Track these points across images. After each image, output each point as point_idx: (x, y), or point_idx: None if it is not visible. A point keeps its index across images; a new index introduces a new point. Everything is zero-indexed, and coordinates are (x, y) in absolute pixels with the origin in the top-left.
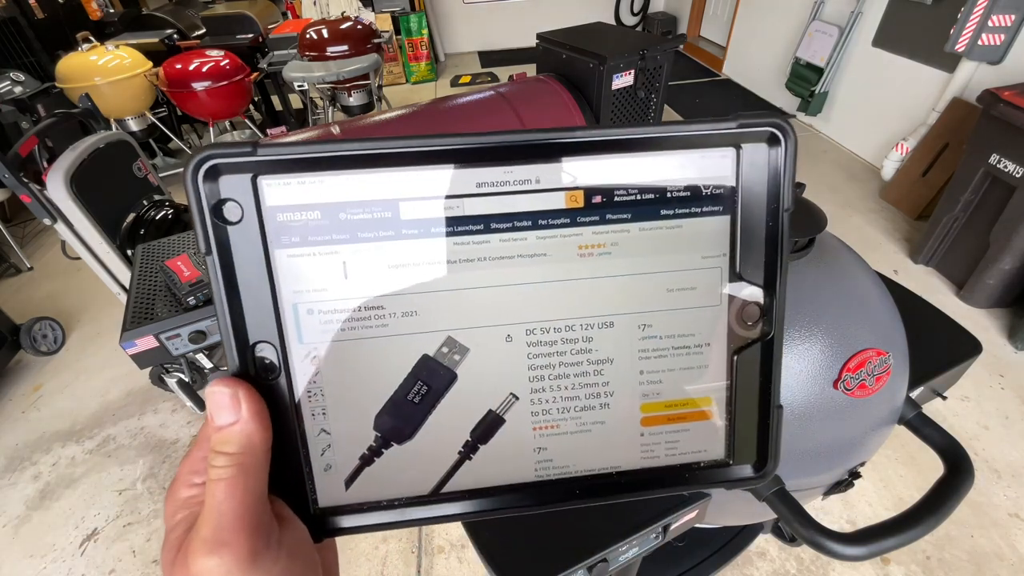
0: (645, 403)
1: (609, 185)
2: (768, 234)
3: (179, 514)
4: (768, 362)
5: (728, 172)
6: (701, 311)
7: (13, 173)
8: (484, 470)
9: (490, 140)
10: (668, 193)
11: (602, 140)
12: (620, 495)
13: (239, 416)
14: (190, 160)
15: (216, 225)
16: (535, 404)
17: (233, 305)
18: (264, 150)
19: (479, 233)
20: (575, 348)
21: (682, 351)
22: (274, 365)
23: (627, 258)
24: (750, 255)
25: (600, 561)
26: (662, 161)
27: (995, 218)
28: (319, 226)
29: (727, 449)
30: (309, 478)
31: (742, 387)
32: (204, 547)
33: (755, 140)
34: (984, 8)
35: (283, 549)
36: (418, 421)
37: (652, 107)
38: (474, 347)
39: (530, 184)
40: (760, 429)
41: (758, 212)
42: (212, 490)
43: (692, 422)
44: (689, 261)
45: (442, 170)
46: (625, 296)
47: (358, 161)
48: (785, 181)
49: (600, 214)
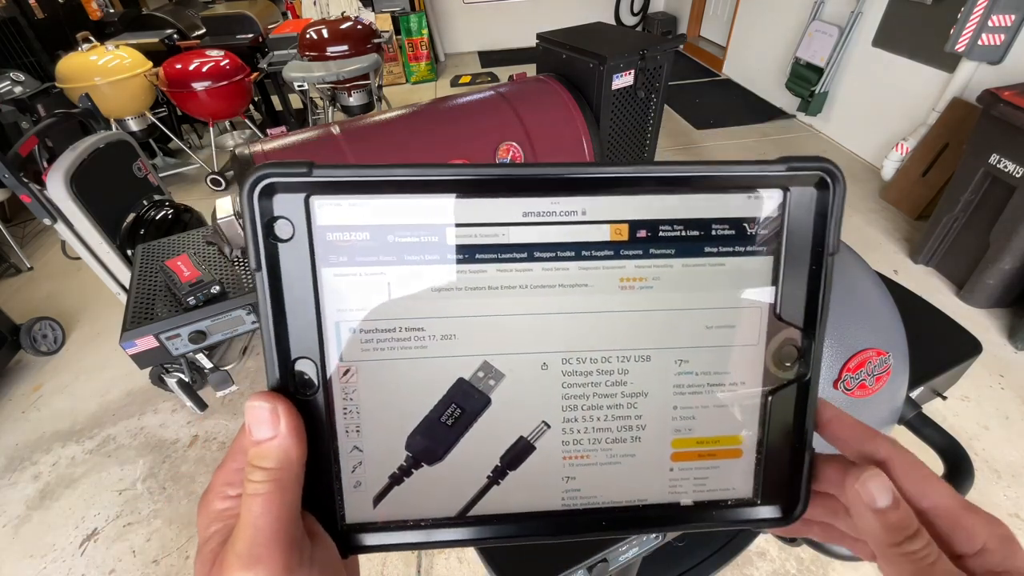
0: (676, 438)
1: (654, 220)
2: (811, 276)
3: (213, 526)
4: (803, 404)
5: (774, 213)
6: (738, 350)
7: (13, 173)
8: (511, 496)
9: (538, 172)
10: (713, 231)
11: (650, 177)
12: (644, 528)
13: (277, 431)
14: (247, 177)
15: (268, 242)
16: (567, 433)
17: (278, 320)
18: (319, 171)
19: (522, 261)
20: (610, 380)
21: (717, 388)
22: (312, 381)
23: (668, 293)
24: (791, 296)
25: (600, 561)
26: (708, 199)
27: (995, 218)
28: (367, 247)
29: (755, 489)
30: (339, 494)
31: (774, 428)
32: (239, 562)
33: (804, 183)
34: (984, 8)
35: (315, 566)
36: (450, 443)
37: (652, 107)
38: (509, 373)
39: (575, 215)
40: (791, 471)
41: (802, 254)
42: (248, 504)
43: (721, 459)
44: (730, 299)
45: (490, 198)
46: (664, 331)
47: (409, 186)
48: (832, 224)
49: (644, 248)
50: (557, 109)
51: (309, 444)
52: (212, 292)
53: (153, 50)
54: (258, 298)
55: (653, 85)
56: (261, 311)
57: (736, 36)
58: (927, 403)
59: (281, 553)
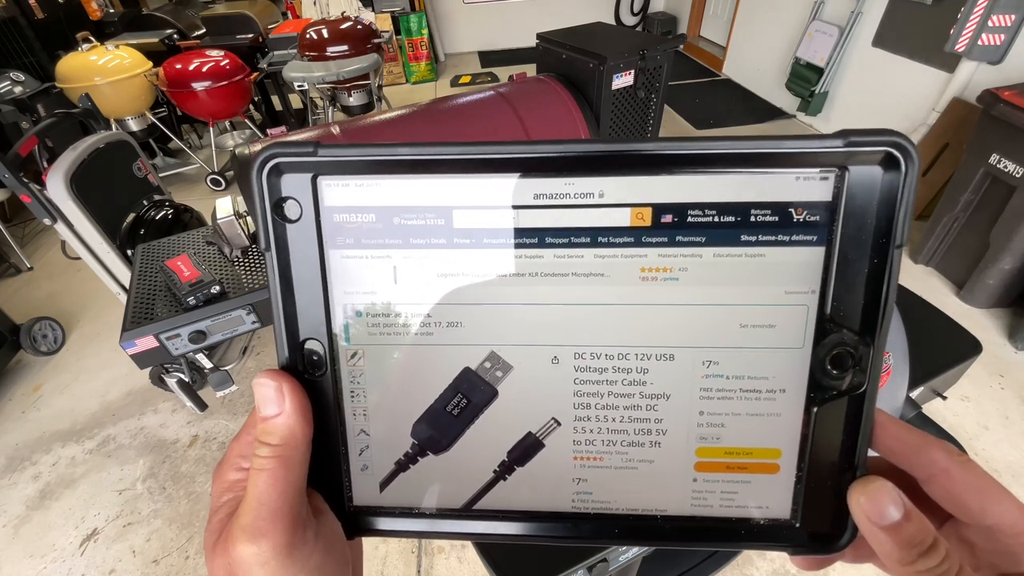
0: (702, 447)
1: (682, 203)
2: (872, 272)
3: (224, 496)
4: (855, 419)
5: (828, 196)
6: (779, 352)
7: (13, 173)
8: (519, 493)
9: (551, 150)
10: (752, 216)
11: (678, 155)
12: (663, 541)
13: (283, 409)
14: (256, 157)
15: (276, 222)
16: (578, 432)
17: (287, 301)
18: (324, 151)
19: (532, 247)
20: (627, 379)
21: (751, 395)
22: (321, 362)
23: (696, 286)
24: (846, 294)
25: (600, 561)
26: (748, 179)
27: (995, 218)
28: (373, 229)
29: (793, 510)
30: (346, 476)
31: (820, 443)
32: (244, 535)
33: (866, 161)
34: (984, 8)
35: (319, 542)
36: (455, 434)
37: (652, 107)
38: (518, 365)
39: (592, 198)
40: (837, 493)
41: (861, 245)
42: (254, 479)
43: (755, 474)
44: (770, 295)
45: (498, 179)
46: (690, 328)
47: (415, 165)
48: (901, 211)
49: (669, 235)
50: (557, 109)
51: (318, 424)
52: (212, 292)
53: (153, 50)
54: (268, 278)
55: (653, 85)
56: (272, 291)
57: (736, 36)
58: (927, 403)
59: (285, 528)
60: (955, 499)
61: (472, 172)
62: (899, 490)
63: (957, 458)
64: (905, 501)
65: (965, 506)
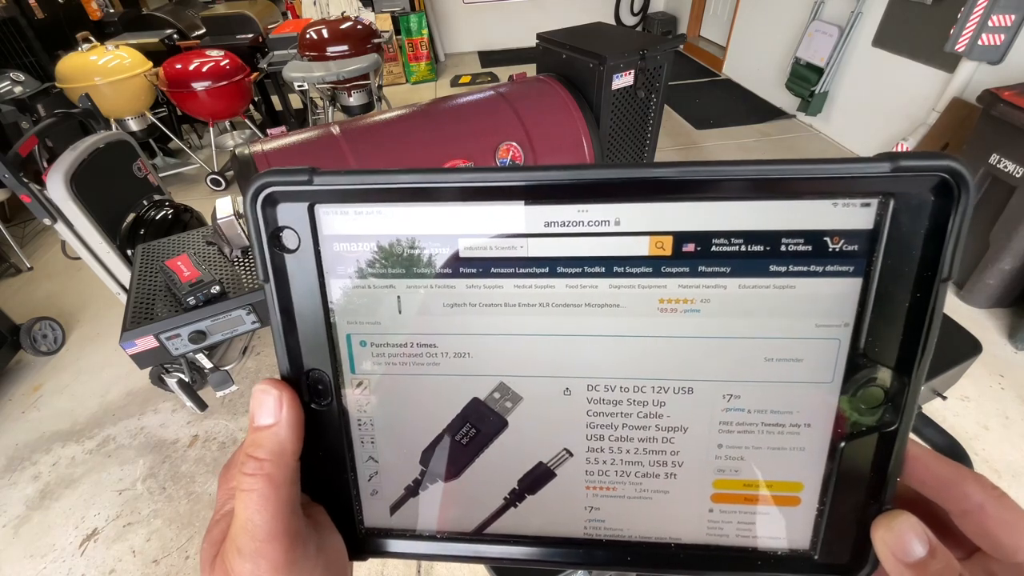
0: (720, 479)
1: (706, 231)
2: (913, 306)
3: (228, 504)
4: (885, 457)
5: (869, 225)
6: (806, 387)
7: (13, 173)
8: (530, 519)
9: (563, 176)
10: (783, 245)
11: (705, 180)
12: (677, 569)
13: (278, 419)
14: (249, 187)
15: (274, 253)
16: (591, 463)
17: (288, 332)
18: (320, 178)
19: (543, 277)
20: (643, 411)
21: (774, 429)
22: (327, 391)
23: (719, 319)
24: (882, 329)
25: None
26: (779, 207)
27: (995, 218)
28: (375, 258)
29: (813, 541)
30: (356, 500)
31: (845, 479)
32: (240, 556)
33: (915, 188)
34: (984, 8)
35: (322, 555)
36: (464, 462)
37: (652, 107)
38: (528, 396)
39: (607, 226)
40: (859, 526)
41: (902, 277)
42: (243, 501)
43: (775, 506)
44: (798, 328)
45: (506, 206)
46: (711, 361)
47: (417, 194)
48: (951, 243)
49: (691, 265)
50: (557, 109)
51: (326, 451)
52: (212, 292)
53: (153, 50)
54: (268, 309)
55: (653, 85)
56: (272, 323)
57: (736, 36)
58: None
59: (283, 547)
60: (989, 536)
61: (478, 199)
62: (924, 525)
63: (992, 492)
64: (931, 537)
65: (999, 544)
